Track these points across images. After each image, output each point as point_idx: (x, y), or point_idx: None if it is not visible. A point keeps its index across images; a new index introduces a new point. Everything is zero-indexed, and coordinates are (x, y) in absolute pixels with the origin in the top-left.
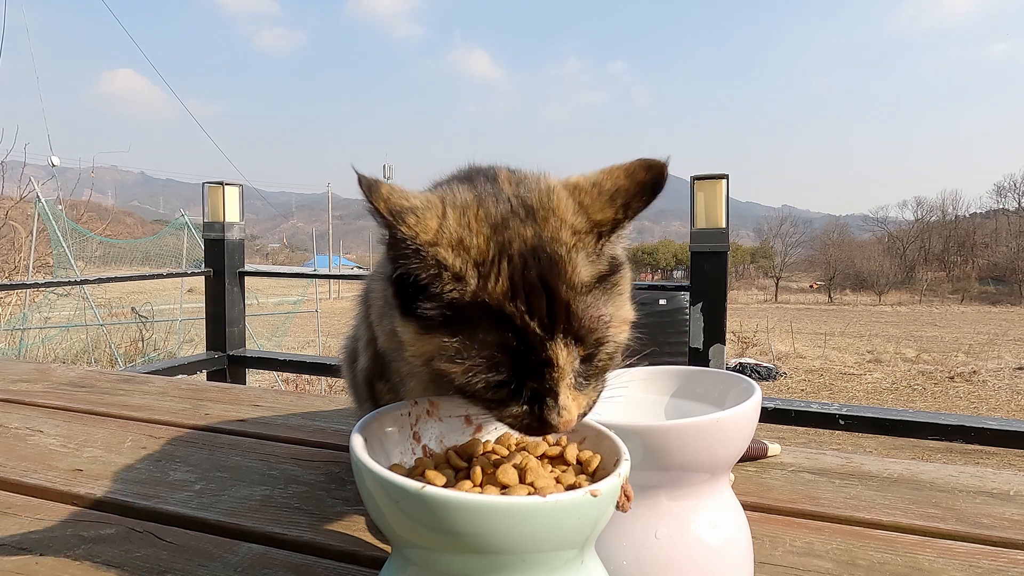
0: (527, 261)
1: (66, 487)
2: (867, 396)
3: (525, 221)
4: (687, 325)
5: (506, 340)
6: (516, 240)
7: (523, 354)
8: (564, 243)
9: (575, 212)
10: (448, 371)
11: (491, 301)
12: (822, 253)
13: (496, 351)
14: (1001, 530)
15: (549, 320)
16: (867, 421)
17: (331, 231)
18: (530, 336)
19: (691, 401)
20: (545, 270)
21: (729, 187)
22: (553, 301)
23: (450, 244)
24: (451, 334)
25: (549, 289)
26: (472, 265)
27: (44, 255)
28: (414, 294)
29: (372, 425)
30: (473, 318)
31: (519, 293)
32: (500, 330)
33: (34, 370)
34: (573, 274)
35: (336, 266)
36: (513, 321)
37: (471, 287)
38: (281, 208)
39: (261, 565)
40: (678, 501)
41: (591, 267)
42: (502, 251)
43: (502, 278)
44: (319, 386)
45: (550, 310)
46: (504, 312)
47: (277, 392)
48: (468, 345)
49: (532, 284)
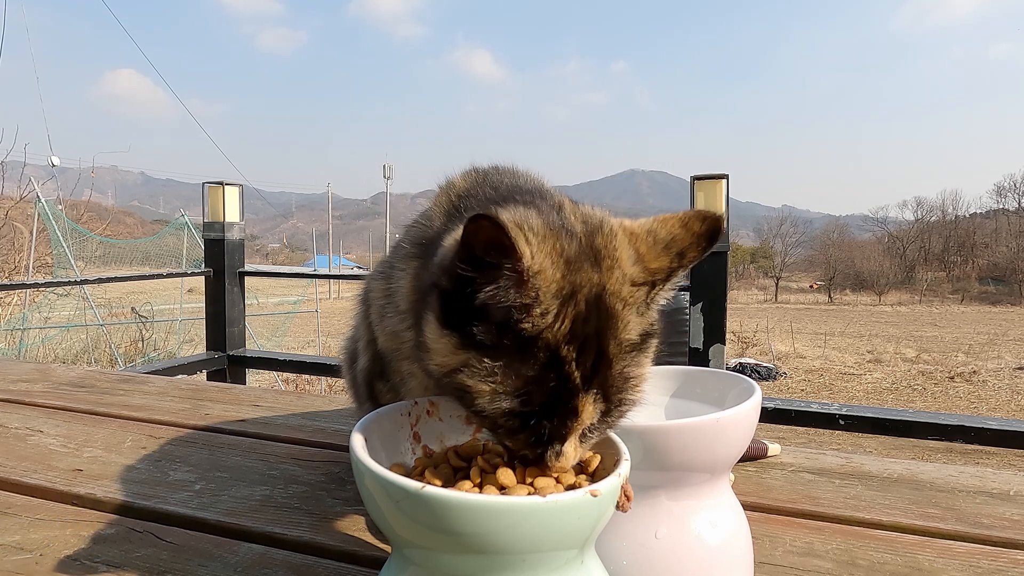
0: (590, 310)
1: (66, 487)
2: (867, 396)
3: (594, 265)
4: (687, 325)
5: (546, 379)
6: (587, 285)
7: (554, 397)
8: (622, 298)
9: (634, 262)
10: (473, 388)
11: (551, 340)
12: (822, 253)
13: (532, 386)
14: (1001, 530)
15: (591, 373)
16: (867, 421)
17: (331, 231)
18: (569, 384)
19: (691, 401)
20: (603, 324)
21: (729, 187)
22: (601, 356)
23: (542, 274)
24: (494, 357)
25: (601, 344)
26: (555, 301)
27: (44, 255)
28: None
29: (372, 425)
30: (524, 351)
31: (576, 340)
32: (545, 368)
33: (34, 370)
34: (623, 332)
35: (336, 266)
36: (562, 365)
37: (545, 322)
38: (281, 208)
39: (261, 565)
40: (678, 501)
41: (639, 325)
42: (574, 292)
43: (567, 321)
44: (319, 386)
45: (595, 364)
46: (558, 354)
47: (277, 392)
48: (507, 372)
49: (589, 335)
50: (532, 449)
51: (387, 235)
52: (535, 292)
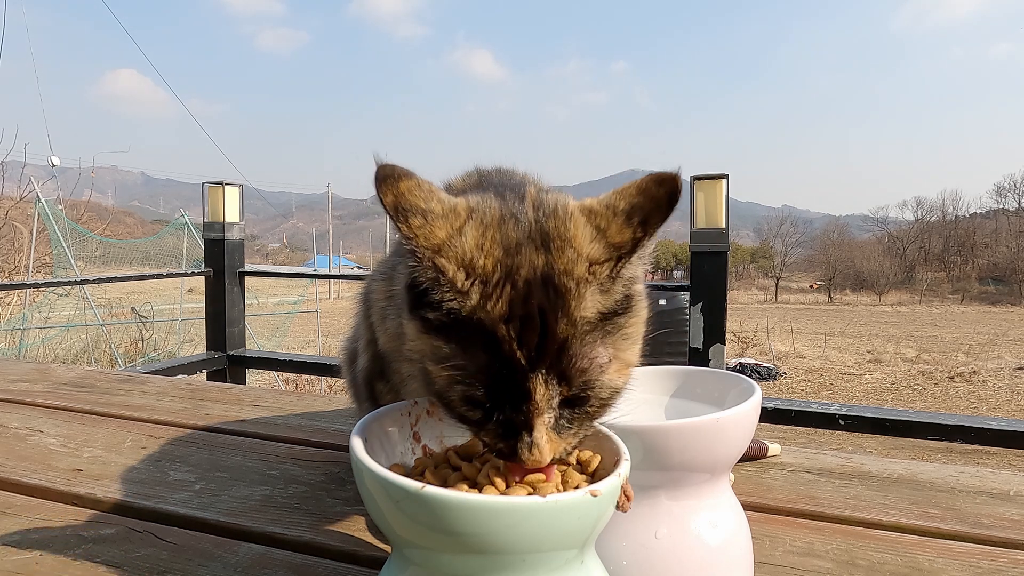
0: (531, 290)
1: (66, 487)
2: (867, 396)
3: (539, 249)
4: (687, 325)
5: (492, 363)
6: (525, 267)
7: (503, 381)
8: (576, 277)
9: (592, 239)
10: (434, 375)
11: (487, 321)
12: (822, 253)
13: (480, 371)
14: (1001, 530)
15: (536, 353)
16: (867, 421)
17: (331, 231)
18: (514, 365)
19: (691, 401)
20: (547, 302)
21: (729, 187)
22: (546, 335)
23: (457, 258)
24: (446, 340)
25: (546, 322)
26: (476, 282)
27: (44, 255)
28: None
29: (372, 425)
30: (468, 332)
31: (514, 320)
32: (488, 351)
33: (34, 370)
34: (576, 309)
35: (336, 266)
36: (502, 345)
37: (471, 302)
38: (281, 208)
39: (261, 565)
40: (678, 501)
41: (600, 300)
42: (508, 275)
43: (502, 301)
44: (319, 386)
45: (540, 343)
46: (496, 335)
47: (277, 392)
48: (456, 355)
49: (529, 314)
50: (504, 442)
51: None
52: (431, 265)
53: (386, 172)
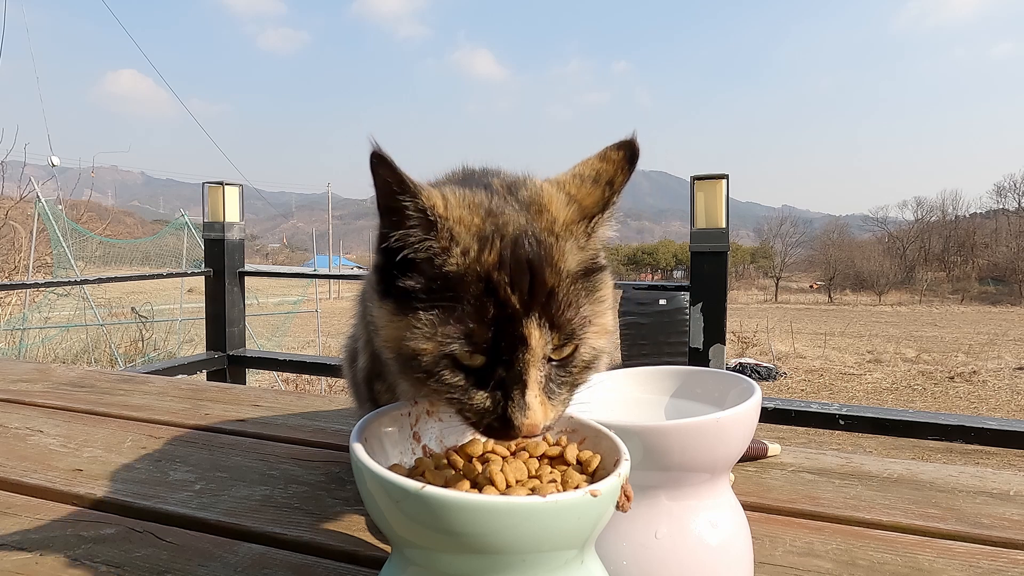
0: (518, 241)
1: (66, 487)
2: (867, 396)
3: (519, 211)
4: (687, 325)
5: (484, 311)
6: (510, 224)
7: (498, 329)
8: (555, 233)
9: (566, 204)
10: (418, 350)
11: (480, 270)
12: (822, 253)
13: (473, 323)
14: (1001, 530)
15: (529, 297)
16: (867, 421)
17: (331, 231)
18: (508, 309)
19: (691, 401)
20: (533, 253)
21: (729, 187)
22: (535, 281)
23: (458, 219)
24: (429, 307)
25: (534, 269)
26: (475, 238)
27: (44, 255)
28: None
29: (372, 425)
30: (458, 290)
31: (505, 266)
32: (481, 301)
33: (34, 370)
34: (560, 260)
35: (336, 266)
36: (496, 292)
37: (469, 258)
38: (281, 208)
39: (261, 565)
40: (678, 501)
41: (579, 255)
42: (496, 230)
43: (494, 252)
44: (319, 386)
45: (531, 288)
46: (490, 281)
47: (277, 392)
48: (444, 317)
49: (519, 261)
50: (493, 413)
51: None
52: (448, 233)
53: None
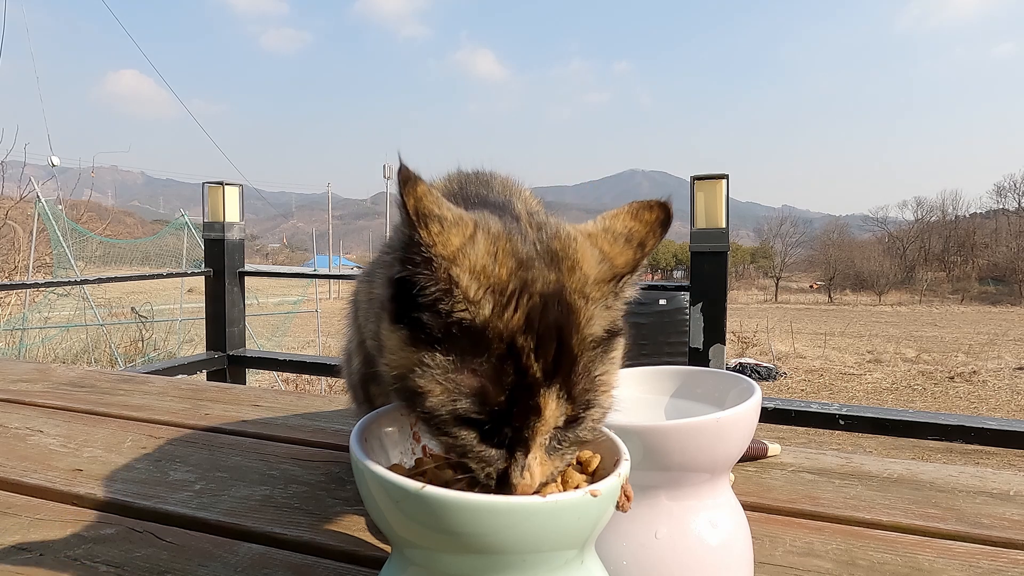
0: (548, 303)
1: (66, 487)
2: (867, 396)
3: (550, 266)
4: (687, 325)
5: (503, 374)
6: (540, 281)
7: (513, 395)
8: (585, 295)
9: (599, 261)
10: (425, 389)
11: (503, 331)
12: (822, 253)
13: (488, 383)
14: (1001, 530)
15: (552, 367)
16: (867, 421)
17: (331, 231)
18: (528, 378)
19: (691, 401)
20: (563, 318)
21: (729, 187)
22: (561, 349)
23: (470, 268)
24: (445, 353)
25: (562, 337)
26: (490, 292)
27: (44, 255)
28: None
29: (372, 425)
30: (476, 345)
31: (532, 331)
32: (500, 362)
33: (34, 370)
34: (587, 327)
35: (336, 266)
36: (519, 357)
37: (484, 313)
38: (281, 208)
39: (261, 565)
40: (678, 501)
41: (605, 317)
42: (524, 287)
43: (520, 312)
44: (319, 386)
45: (557, 358)
46: (514, 345)
47: (277, 392)
48: (459, 367)
49: (547, 326)
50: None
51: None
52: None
53: (408, 174)
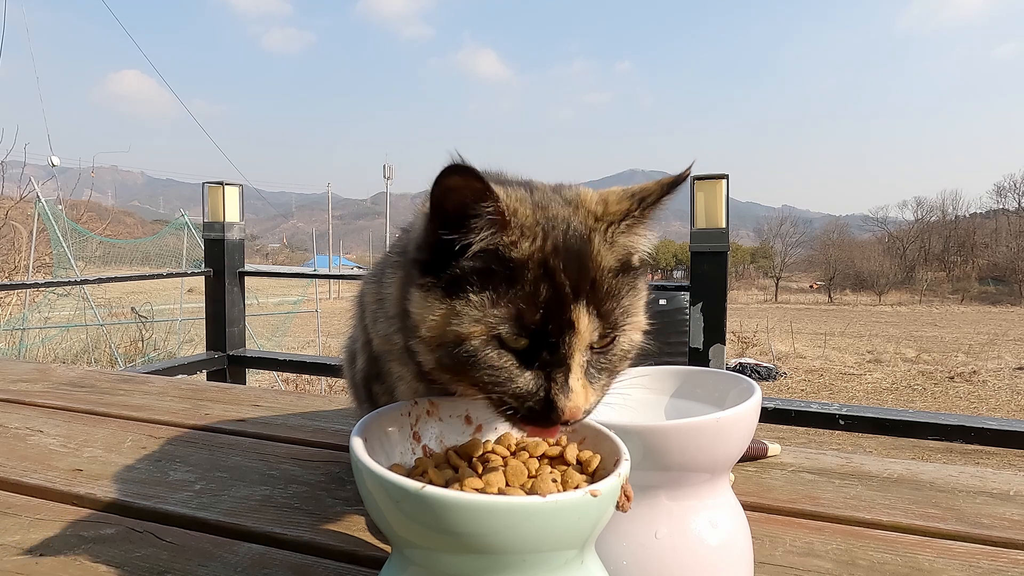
0: (567, 233)
1: (66, 487)
2: (867, 396)
3: (564, 206)
4: (687, 325)
5: (537, 292)
6: (559, 216)
7: (549, 312)
8: (590, 227)
9: (597, 203)
10: (465, 334)
11: (540, 256)
12: (822, 253)
13: (525, 304)
14: (1001, 530)
15: (577, 283)
16: (867, 421)
17: (331, 231)
18: (559, 293)
19: (691, 401)
20: (580, 245)
21: (729, 187)
22: (582, 268)
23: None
24: (481, 290)
25: (581, 258)
26: (527, 228)
27: (44, 255)
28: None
29: (372, 425)
30: (516, 274)
31: (559, 253)
32: (536, 281)
33: (34, 370)
34: (598, 255)
35: (336, 266)
36: (553, 276)
37: (524, 244)
38: (281, 208)
39: (261, 565)
40: (678, 501)
41: (611, 252)
42: (548, 220)
43: (550, 239)
44: (319, 386)
45: (580, 276)
46: (547, 265)
47: (277, 392)
48: (497, 298)
49: (571, 250)
50: (536, 397)
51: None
52: (519, 228)
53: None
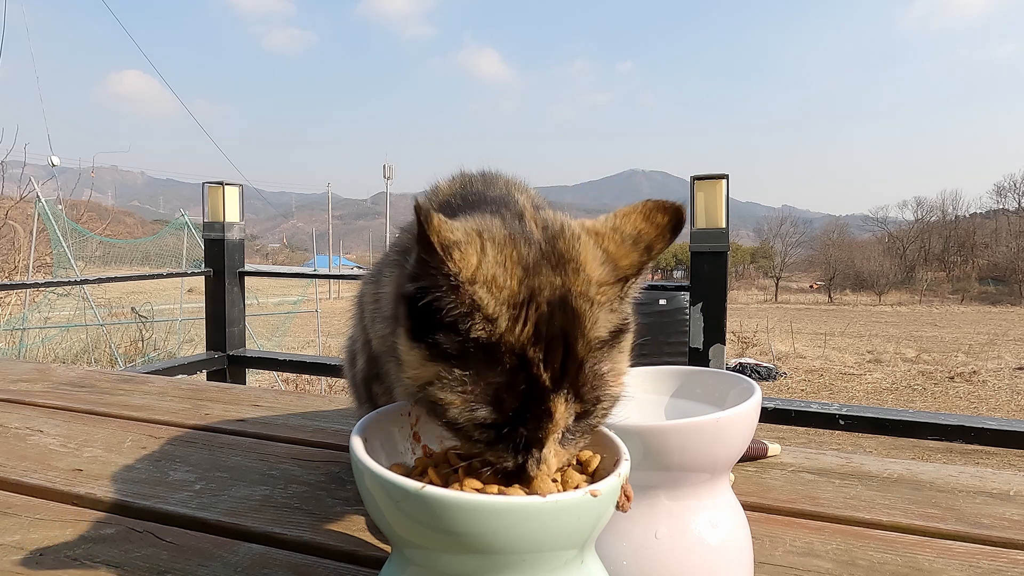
0: (553, 311)
1: (66, 487)
2: (867, 396)
3: (555, 269)
4: (687, 325)
5: (515, 384)
6: (547, 288)
7: (526, 400)
8: (590, 299)
9: (602, 263)
10: (445, 400)
11: (515, 344)
12: (822, 253)
13: (502, 392)
14: (1001, 530)
15: (560, 373)
16: (867, 421)
17: (331, 231)
18: (539, 385)
19: (691, 401)
20: (568, 324)
21: (729, 187)
22: (568, 356)
23: (486, 283)
24: (462, 366)
25: (568, 343)
26: (505, 307)
27: (44, 255)
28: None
29: (372, 425)
30: (490, 357)
31: (541, 341)
32: (512, 373)
33: (34, 370)
34: (592, 331)
35: (336, 266)
36: (530, 367)
37: (499, 329)
38: (281, 208)
39: (261, 565)
40: (678, 501)
41: (611, 321)
42: (532, 296)
43: (529, 324)
44: (319, 386)
45: (563, 365)
46: (525, 356)
47: (277, 392)
48: (476, 380)
49: (554, 335)
50: (513, 459)
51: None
52: (470, 299)
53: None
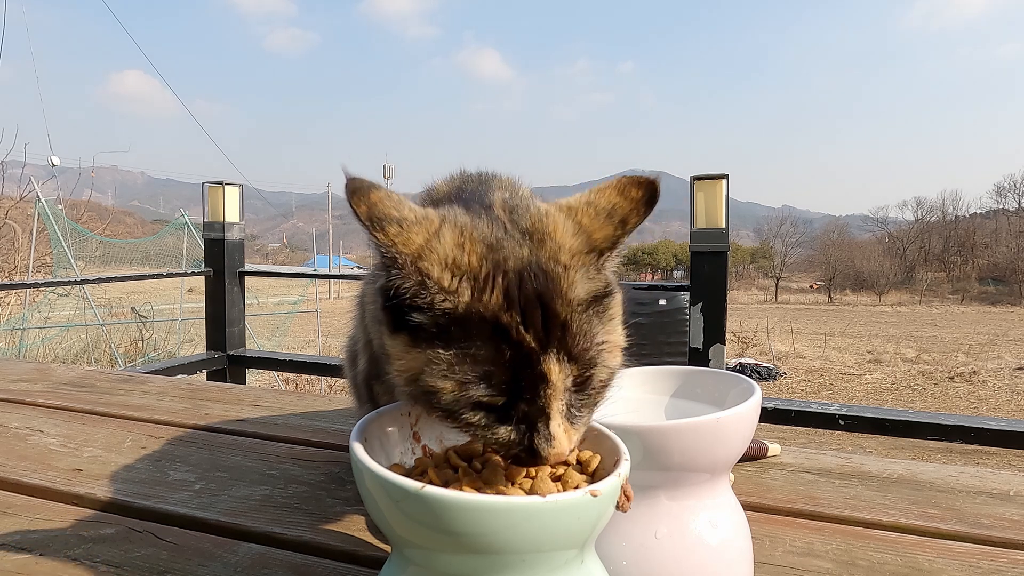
0: (523, 276)
1: (66, 487)
2: (867, 396)
3: (521, 242)
4: (687, 325)
5: (500, 353)
6: (511, 258)
7: (517, 369)
8: (562, 263)
9: (574, 234)
10: (437, 387)
11: (486, 312)
12: (822, 253)
13: (490, 365)
14: (1001, 530)
15: (544, 333)
16: (867, 421)
17: (331, 231)
18: (524, 349)
19: (691, 401)
20: (541, 285)
21: (729, 187)
22: (548, 315)
23: (439, 260)
24: (445, 346)
25: (545, 303)
26: (464, 279)
27: (44, 255)
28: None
29: (372, 425)
30: (467, 331)
31: (514, 305)
32: (494, 343)
33: (34, 370)
34: (569, 290)
35: (336, 266)
36: (508, 333)
37: (464, 299)
38: (281, 208)
39: (261, 565)
40: (678, 501)
41: (588, 285)
42: (497, 267)
43: (496, 291)
44: (319, 386)
45: (545, 324)
46: (500, 323)
47: (277, 392)
48: (461, 359)
49: (528, 297)
50: (519, 444)
51: None
52: (415, 270)
53: (357, 184)
